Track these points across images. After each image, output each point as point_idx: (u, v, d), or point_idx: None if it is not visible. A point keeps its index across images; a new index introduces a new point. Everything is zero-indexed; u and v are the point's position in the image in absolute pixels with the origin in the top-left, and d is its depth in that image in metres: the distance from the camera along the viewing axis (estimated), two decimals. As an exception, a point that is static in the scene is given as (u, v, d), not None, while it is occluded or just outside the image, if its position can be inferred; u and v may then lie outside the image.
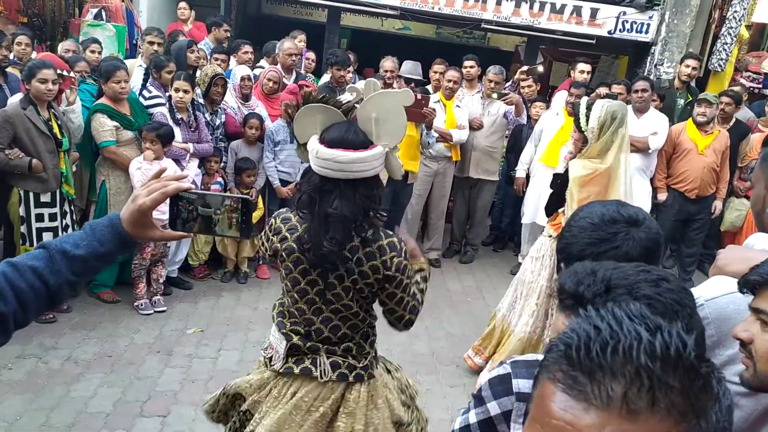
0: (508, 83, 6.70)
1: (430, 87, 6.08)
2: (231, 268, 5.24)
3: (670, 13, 7.43)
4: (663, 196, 5.65)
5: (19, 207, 4.06)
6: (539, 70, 7.62)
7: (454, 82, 5.68)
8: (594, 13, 7.60)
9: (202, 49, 5.82)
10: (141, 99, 4.81)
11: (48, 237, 4.08)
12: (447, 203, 6.17)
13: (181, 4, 7.06)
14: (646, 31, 7.63)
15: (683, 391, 0.59)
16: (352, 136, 1.94)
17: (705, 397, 0.60)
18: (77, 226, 4.30)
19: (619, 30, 7.65)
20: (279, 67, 5.84)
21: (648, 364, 0.59)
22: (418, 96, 4.82)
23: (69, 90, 4.34)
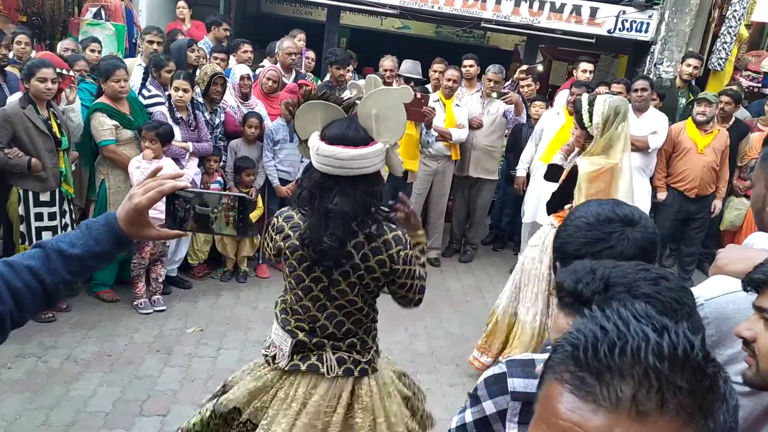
0: (508, 82, 6.69)
1: (429, 86, 6.08)
2: (230, 267, 5.24)
3: (669, 12, 7.42)
4: (662, 195, 5.65)
5: (19, 206, 4.06)
6: (539, 69, 7.61)
7: (454, 81, 5.68)
8: (593, 12, 7.60)
9: (201, 48, 5.81)
10: (140, 98, 4.81)
11: (47, 236, 4.07)
12: (446, 202, 6.17)
13: (180, 3, 7.05)
14: (646, 30, 7.62)
15: (691, 391, 0.59)
16: (352, 133, 1.94)
17: (712, 398, 0.60)
18: (77, 225, 4.29)
19: (619, 29, 7.64)
20: (278, 66, 5.83)
21: (656, 365, 0.59)
22: (418, 95, 4.82)
23: (69, 89, 4.34)
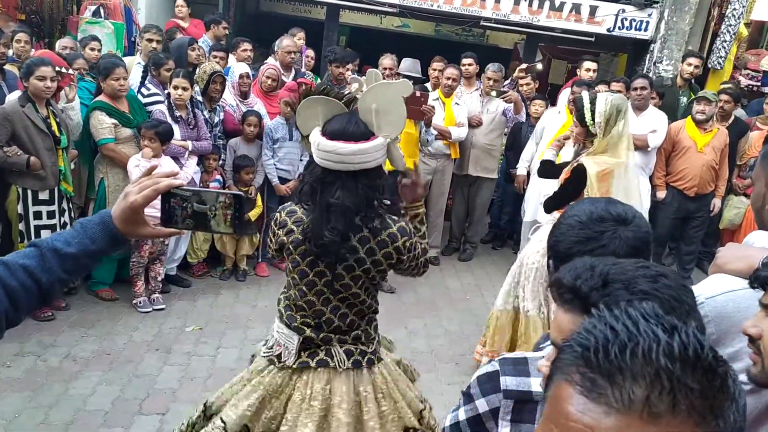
0: (507, 81, 6.69)
1: (428, 84, 6.07)
2: (230, 265, 5.23)
3: (669, 10, 7.41)
4: (662, 194, 5.65)
5: (18, 204, 4.06)
6: (538, 67, 7.61)
7: (453, 80, 5.68)
8: (593, 10, 7.58)
9: (201, 46, 5.80)
10: (139, 96, 4.80)
11: (46, 234, 4.07)
12: (446, 201, 6.16)
13: (179, 2, 7.02)
14: (645, 29, 7.61)
15: (702, 392, 0.58)
16: (353, 128, 1.95)
17: (722, 397, 0.60)
18: (76, 224, 4.29)
19: (618, 28, 7.63)
20: (278, 65, 5.83)
21: (668, 366, 0.58)
22: (417, 93, 4.82)
23: (68, 87, 4.33)
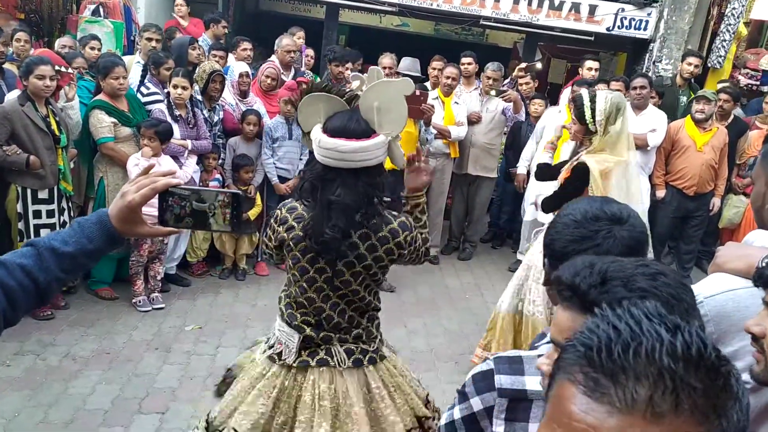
0: (507, 80, 6.69)
1: (428, 84, 6.08)
2: (229, 265, 5.23)
3: (668, 9, 7.41)
4: (661, 193, 5.66)
5: (17, 203, 4.06)
6: (537, 67, 7.61)
7: (453, 79, 5.67)
8: (592, 9, 7.58)
9: (200, 46, 5.80)
10: (139, 96, 4.80)
11: (46, 234, 4.06)
12: (445, 200, 6.17)
13: (178, 1, 7.02)
14: (645, 28, 7.61)
15: (705, 391, 0.58)
16: (354, 125, 1.95)
17: (726, 396, 0.60)
18: (75, 223, 4.29)
19: (618, 27, 7.63)
20: (277, 64, 5.82)
21: (671, 366, 0.58)
22: (417, 92, 4.81)
23: (68, 86, 4.33)
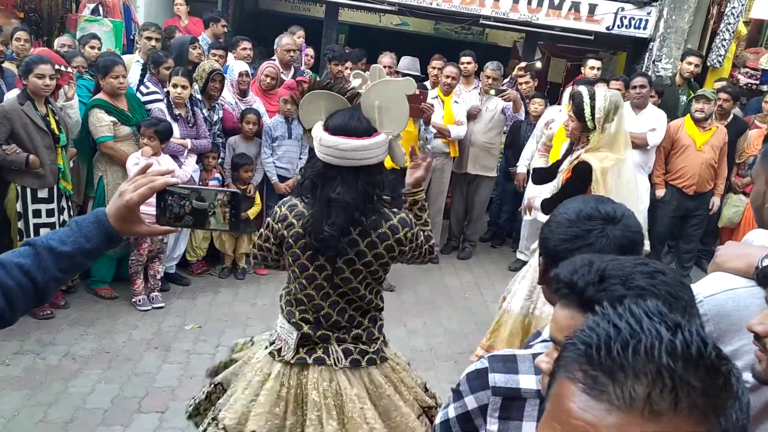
0: (506, 79, 6.69)
1: (428, 83, 6.07)
2: (229, 264, 5.24)
3: (668, 9, 7.41)
4: (661, 193, 5.66)
5: (17, 203, 4.06)
6: (537, 66, 7.61)
7: (452, 78, 5.67)
8: (592, 9, 7.58)
9: (201, 45, 5.80)
10: (138, 95, 4.80)
11: (46, 233, 4.06)
12: (445, 199, 6.17)
13: (178, 0, 7.03)
14: (644, 27, 7.61)
15: (704, 390, 0.58)
16: (355, 123, 1.94)
17: (725, 396, 0.60)
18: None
19: (617, 26, 7.63)
20: (277, 63, 5.82)
21: (670, 364, 0.58)
22: (417, 91, 4.81)
23: (67, 85, 4.33)
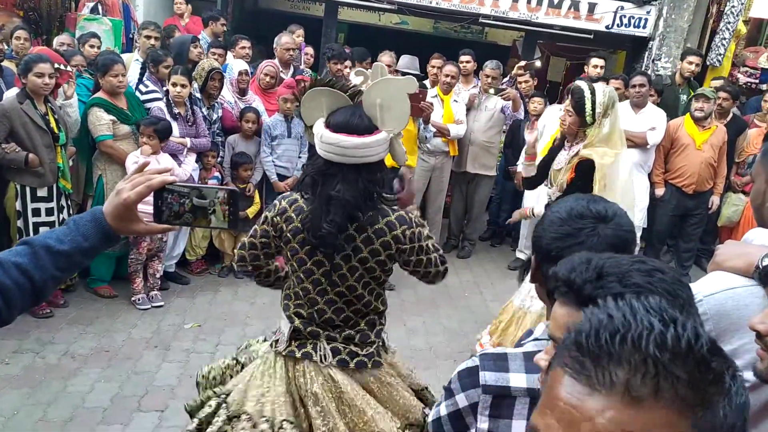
0: (506, 78, 6.68)
1: (427, 82, 6.07)
2: (228, 263, 5.22)
3: (667, 8, 7.41)
4: (660, 192, 5.66)
5: (16, 201, 4.05)
6: (537, 65, 7.61)
7: (452, 77, 5.67)
8: (592, 7, 7.58)
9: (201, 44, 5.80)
10: (137, 93, 4.80)
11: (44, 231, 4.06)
12: (444, 198, 6.17)
13: (179, -1, 7.03)
14: (644, 26, 7.61)
15: (691, 382, 0.59)
16: (356, 121, 1.94)
17: (714, 391, 0.60)
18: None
19: (617, 25, 7.63)
20: (276, 62, 5.82)
21: (656, 354, 0.59)
22: (416, 90, 4.81)
23: (67, 84, 4.32)
